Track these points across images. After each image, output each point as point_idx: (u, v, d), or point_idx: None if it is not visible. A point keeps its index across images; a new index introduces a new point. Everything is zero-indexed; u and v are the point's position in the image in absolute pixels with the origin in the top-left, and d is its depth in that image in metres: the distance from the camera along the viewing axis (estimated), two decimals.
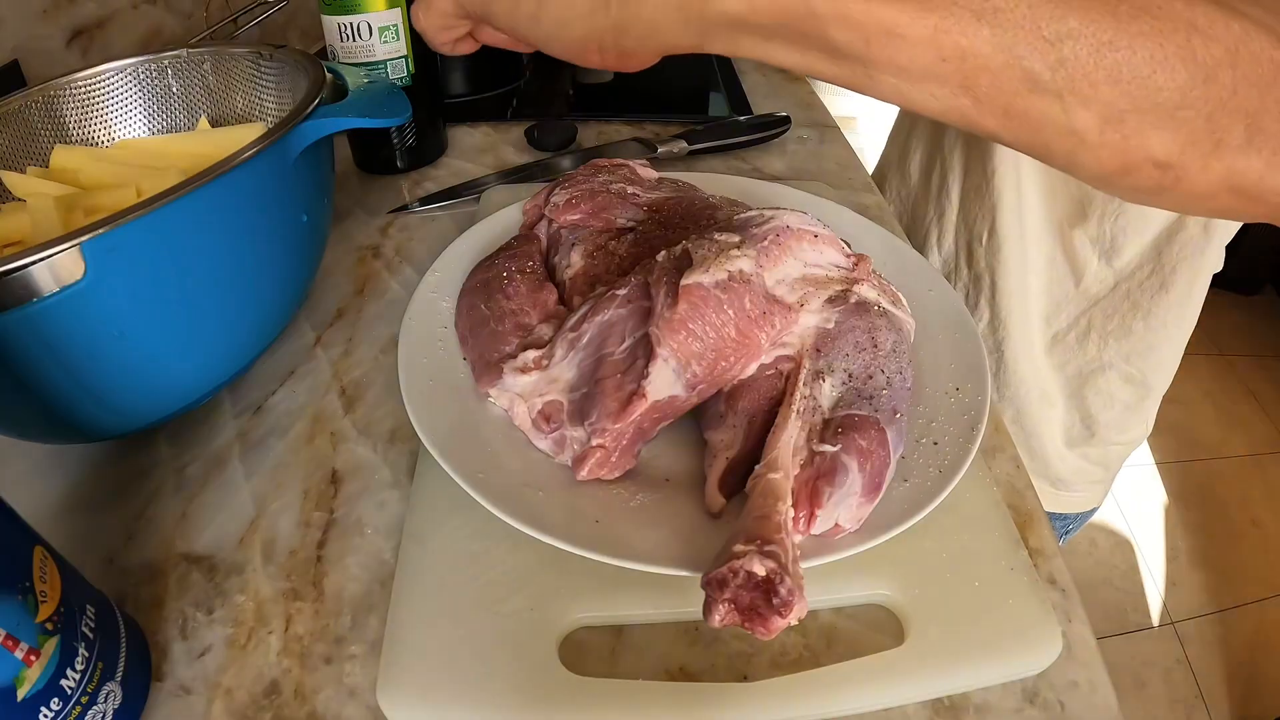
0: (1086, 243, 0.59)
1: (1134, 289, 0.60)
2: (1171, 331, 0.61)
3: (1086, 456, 0.68)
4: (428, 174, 0.65)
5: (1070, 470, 0.69)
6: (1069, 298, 0.62)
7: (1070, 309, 0.63)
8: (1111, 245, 0.58)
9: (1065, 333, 0.64)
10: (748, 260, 0.34)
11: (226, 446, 0.40)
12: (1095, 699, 0.30)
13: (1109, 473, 0.71)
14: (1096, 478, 0.70)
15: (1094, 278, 0.60)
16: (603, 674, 0.29)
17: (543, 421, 0.35)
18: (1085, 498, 0.72)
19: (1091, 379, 0.64)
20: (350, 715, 0.29)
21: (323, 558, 0.35)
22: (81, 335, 0.31)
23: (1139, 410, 0.66)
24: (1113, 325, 0.62)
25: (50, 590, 0.25)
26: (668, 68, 0.33)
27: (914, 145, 0.72)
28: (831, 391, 0.34)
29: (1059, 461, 0.68)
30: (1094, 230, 0.58)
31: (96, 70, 0.47)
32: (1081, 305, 0.62)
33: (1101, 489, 0.72)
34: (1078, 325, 0.63)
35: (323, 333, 0.47)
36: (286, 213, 0.40)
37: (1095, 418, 0.66)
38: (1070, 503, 0.71)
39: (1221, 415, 1.90)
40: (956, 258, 0.67)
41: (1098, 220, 0.57)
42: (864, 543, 0.31)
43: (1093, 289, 0.61)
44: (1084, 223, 0.58)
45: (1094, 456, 0.68)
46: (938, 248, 0.69)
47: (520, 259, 0.43)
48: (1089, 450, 0.68)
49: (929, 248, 0.70)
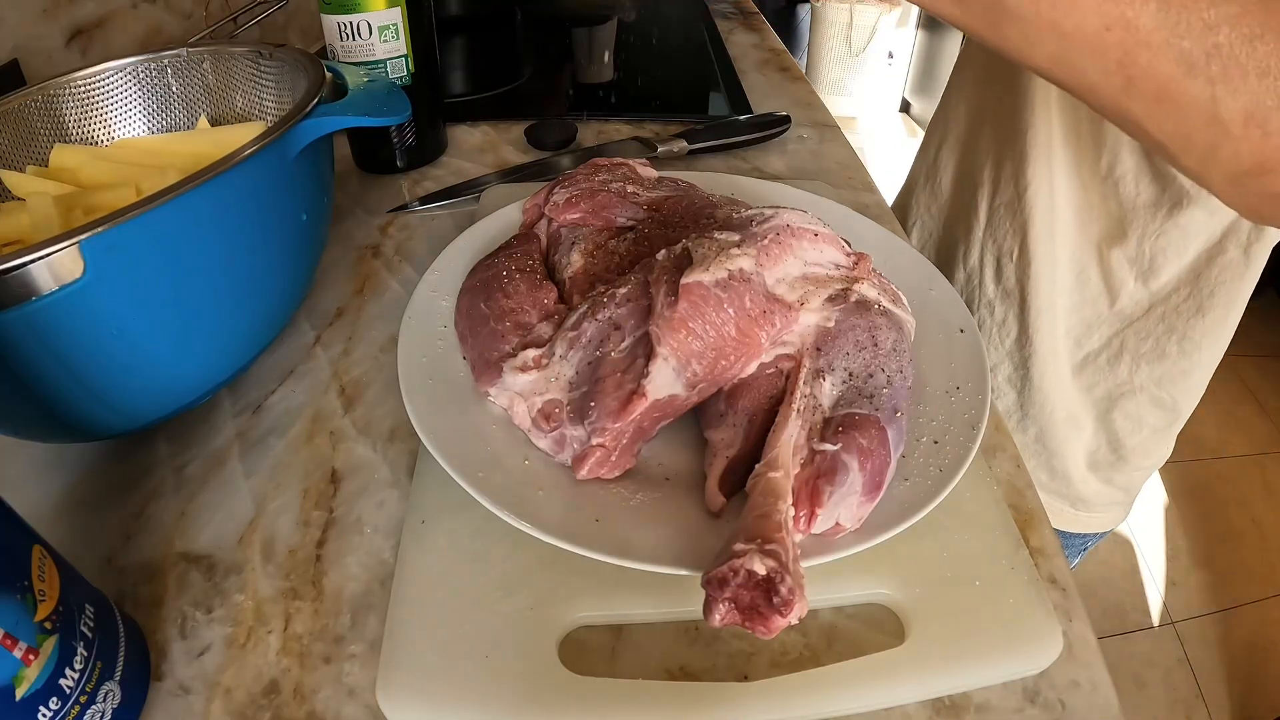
0: (1124, 262, 0.57)
1: (1169, 311, 0.58)
2: (1205, 355, 0.59)
3: (1111, 481, 0.66)
4: (427, 173, 0.65)
5: (1092, 492, 0.67)
6: (1102, 319, 0.60)
7: (1103, 330, 0.61)
8: (1150, 266, 0.56)
9: (1096, 354, 0.62)
10: (748, 259, 0.34)
11: (226, 446, 0.40)
12: (1096, 699, 0.30)
13: (1130, 495, 0.69)
14: (1118, 500, 0.68)
15: (1129, 299, 0.58)
16: (603, 674, 0.29)
17: (542, 420, 0.35)
18: (1105, 519, 0.70)
19: (1121, 402, 0.62)
20: (349, 715, 0.29)
21: (322, 557, 0.34)
22: (80, 334, 0.31)
23: (1166, 434, 0.64)
24: (1146, 348, 0.60)
25: (49, 589, 0.25)
26: (668, 67, 0.33)
27: (945, 160, 0.70)
28: (832, 390, 0.34)
29: (1081, 484, 0.66)
30: (1133, 250, 0.56)
31: (96, 69, 0.47)
32: (1115, 326, 0.60)
33: (1122, 510, 0.70)
34: (1110, 347, 0.61)
35: (322, 332, 0.47)
36: (286, 212, 0.40)
37: (1123, 442, 0.64)
38: (1090, 524, 0.69)
39: (1221, 415, 1.90)
40: (982, 273, 0.65)
41: (1138, 240, 0.56)
42: (864, 542, 0.31)
43: (1127, 310, 0.59)
44: (1123, 242, 0.56)
45: (1118, 481, 0.66)
46: (963, 263, 0.67)
47: (520, 258, 0.43)
48: (1114, 475, 0.66)
49: (955, 261, 0.68)
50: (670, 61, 0.93)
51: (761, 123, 0.68)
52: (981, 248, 0.65)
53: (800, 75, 0.86)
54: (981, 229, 0.65)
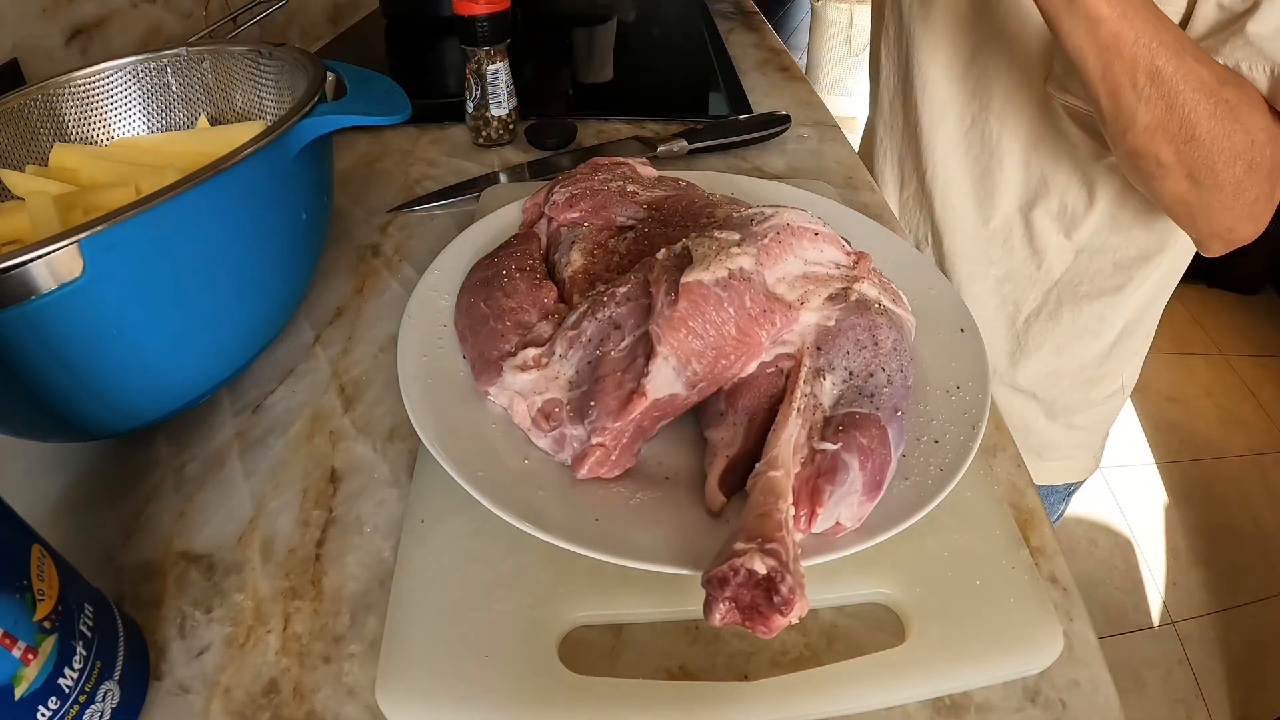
0: (1048, 219, 0.63)
1: (1096, 253, 0.63)
2: (1137, 277, 0.63)
3: (1071, 425, 0.70)
4: (429, 174, 0.65)
5: (1055, 439, 0.70)
6: (1033, 280, 0.66)
7: (1036, 291, 0.66)
8: (1071, 220, 0.62)
9: (1036, 314, 0.67)
10: (748, 258, 0.34)
11: (225, 445, 0.40)
12: (1096, 698, 0.30)
13: (1095, 436, 0.72)
14: (1082, 442, 0.71)
15: (1056, 255, 0.64)
16: (603, 673, 0.29)
17: (542, 420, 0.35)
18: (1075, 466, 0.72)
19: (1066, 346, 0.67)
20: (349, 714, 0.29)
21: (321, 556, 0.34)
22: (80, 333, 0.31)
23: (1111, 362, 0.67)
24: (1082, 292, 0.65)
25: (48, 589, 0.25)
26: (668, 67, 0.33)
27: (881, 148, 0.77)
28: (832, 389, 0.34)
29: (1043, 432, 0.70)
30: (1055, 206, 0.62)
31: (96, 69, 0.47)
32: (1046, 286, 0.66)
33: (1090, 456, 0.72)
34: (1046, 304, 0.66)
35: (322, 331, 0.47)
36: (286, 211, 0.40)
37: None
38: (1061, 473, 0.72)
39: (1221, 415, 1.90)
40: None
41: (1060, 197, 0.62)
42: (865, 541, 0.30)
43: (1056, 267, 0.64)
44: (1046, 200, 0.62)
45: (1079, 422, 0.70)
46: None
47: (520, 257, 0.43)
48: (1072, 418, 0.69)
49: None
50: (670, 61, 0.93)
51: (761, 122, 0.68)
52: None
53: (800, 75, 0.86)
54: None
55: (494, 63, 0.64)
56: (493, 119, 0.67)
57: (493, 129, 0.67)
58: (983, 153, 0.63)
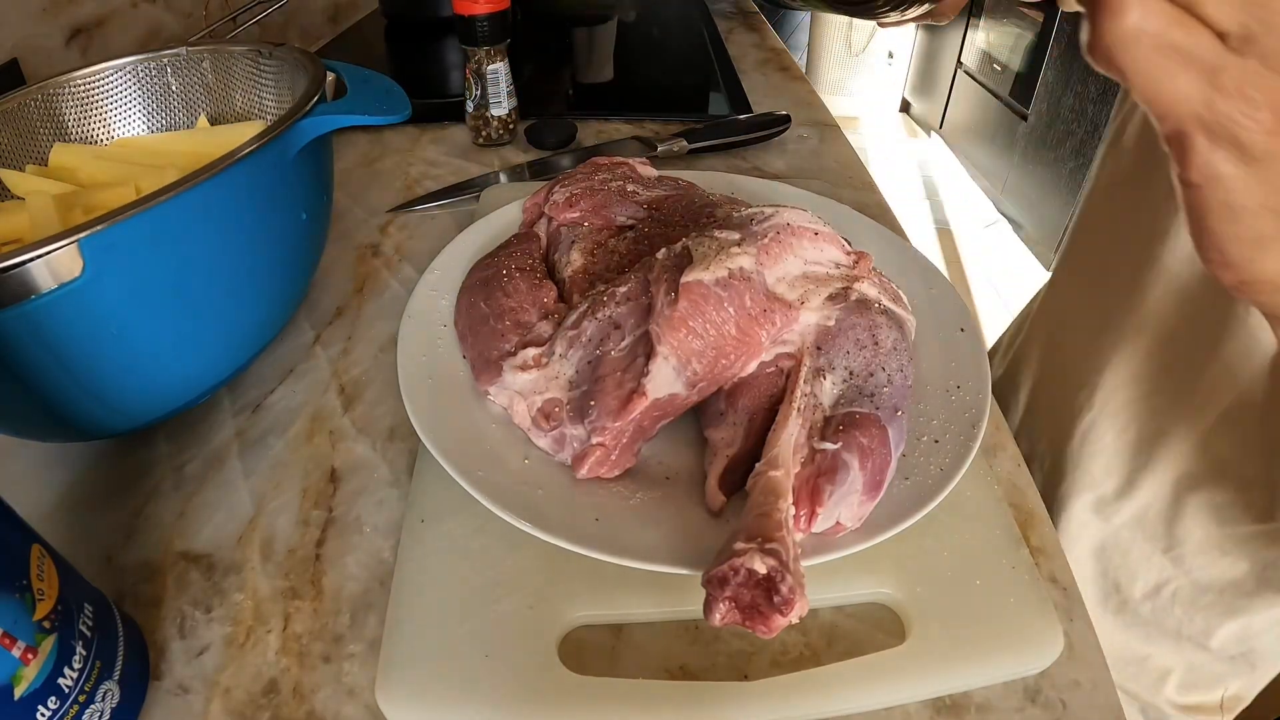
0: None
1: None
2: None
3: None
4: (429, 174, 0.65)
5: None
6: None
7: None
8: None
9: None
10: (748, 258, 0.34)
11: (225, 445, 0.40)
12: (1097, 698, 0.30)
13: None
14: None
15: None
16: (603, 673, 0.29)
17: (542, 419, 0.35)
18: None
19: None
20: (349, 714, 0.29)
21: (321, 556, 0.34)
22: (80, 333, 0.31)
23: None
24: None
25: (48, 588, 0.25)
26: (668, 67, 0.33)
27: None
28: (832, 389, 0.34)
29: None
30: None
31: (95, 69, 0.47)
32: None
33: None
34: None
35: (322, 331, 0.47)
36: (285, 211, 0.40)
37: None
38: None
39: None
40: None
41: None
42: (865, 541, 0.30)
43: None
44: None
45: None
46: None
47: (520, 257, 0.43)
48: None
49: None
50: (670, 61, 0.93)
51: (761, 122, 0.68)
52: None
53: (800, 75, 0.86)
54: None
55: (494, 63, 0.64)
56: (493, 119, 0.67)
57: (493, 129, 0.67)
58: None
